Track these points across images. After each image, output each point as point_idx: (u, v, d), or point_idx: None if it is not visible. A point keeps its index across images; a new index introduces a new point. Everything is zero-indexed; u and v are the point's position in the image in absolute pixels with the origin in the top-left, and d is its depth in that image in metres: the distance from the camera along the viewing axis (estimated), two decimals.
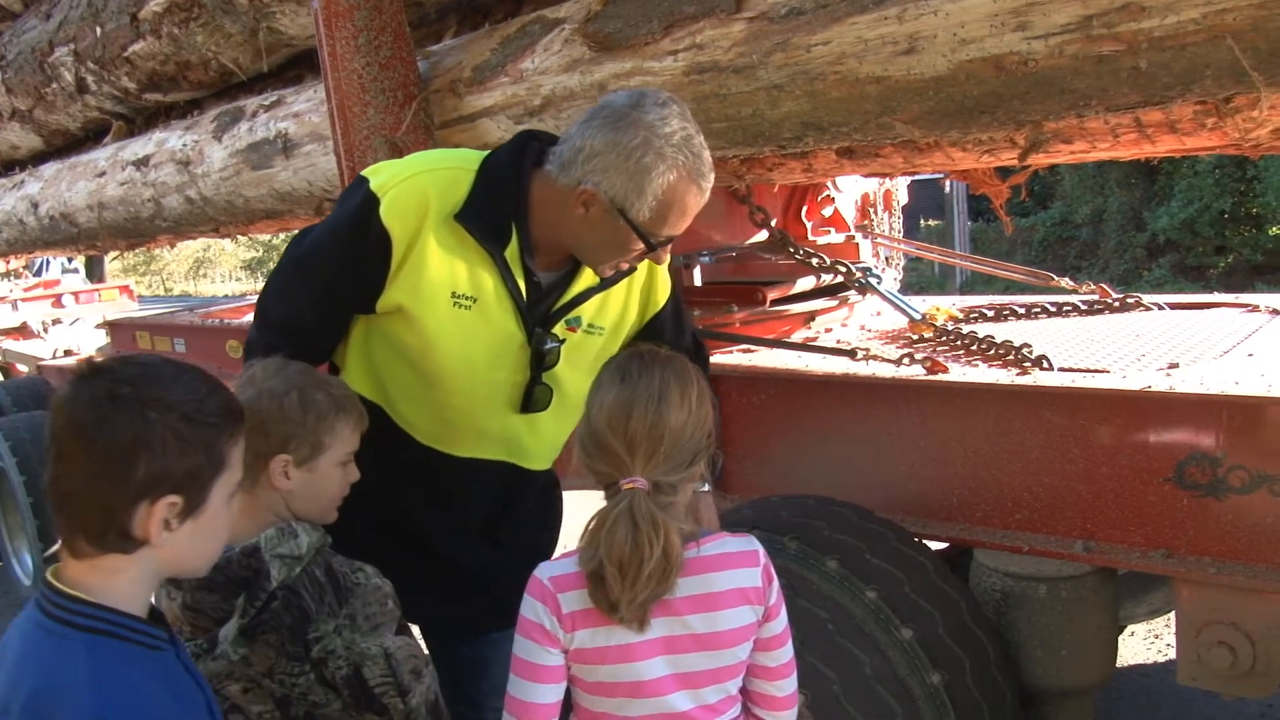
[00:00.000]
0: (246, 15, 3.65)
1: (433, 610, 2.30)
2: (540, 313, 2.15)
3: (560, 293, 2.16)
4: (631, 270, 2.18)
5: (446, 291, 2.08)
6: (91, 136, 5.92)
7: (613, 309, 2.25)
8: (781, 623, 1.76)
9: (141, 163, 4.83)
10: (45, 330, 10.56)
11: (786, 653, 1.78)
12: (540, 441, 2.29)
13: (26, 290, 11.27)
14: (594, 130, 1.94)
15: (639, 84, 2.23)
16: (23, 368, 9.65)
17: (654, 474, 1.65)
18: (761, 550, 1.74)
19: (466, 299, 2.09)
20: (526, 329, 2.13)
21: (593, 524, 1.65)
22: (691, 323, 2.46)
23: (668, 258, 2.15)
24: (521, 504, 2.34)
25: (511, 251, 2.08)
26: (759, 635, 1.72)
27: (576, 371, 2.23)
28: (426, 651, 2.18)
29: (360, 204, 2.06)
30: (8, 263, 10.52)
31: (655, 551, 1.59)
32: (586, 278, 2.17)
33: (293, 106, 3.69)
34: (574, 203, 1.99)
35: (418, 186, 2.05)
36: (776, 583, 1.74)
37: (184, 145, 4.47)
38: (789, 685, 1.79)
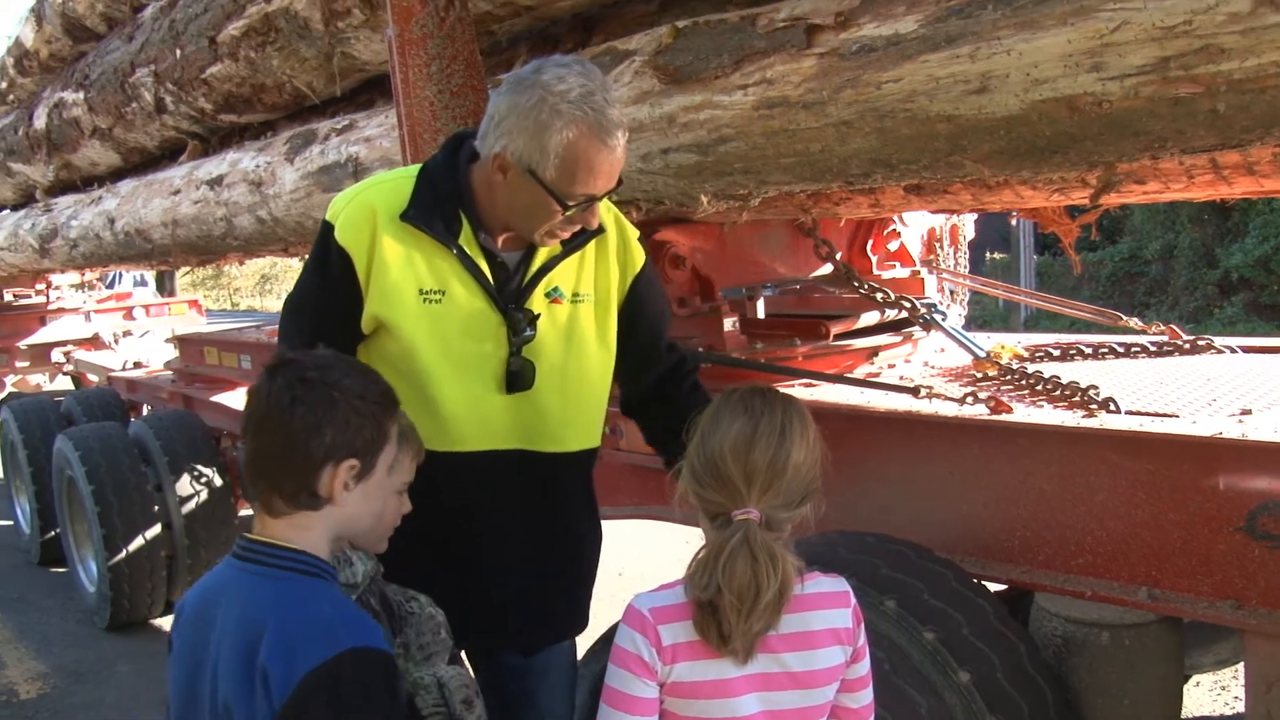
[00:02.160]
0: (321, 40, 3.72)
1: (480, 629, 2.29)
2: (511, 291, 2.20)
3: (526, 266, 2.22)
4: (581, 239, 2.23)
5: (413, 290, 2.15)
6: (168, 155, 6.05)
7: (594, 274, 2.30)
8: (866, 664, 1.78)
9: (215, 182, 4.93)
10: (116, 342, 10.78)
11: (868, 694, 1.79)
12: (548, 420, 2.26)
13: (99, 302, 11.50)
14: (500, 97, 2.07)
15: (708, 117, 2.23)
16: (93, 378, 9.85)
17: (767, 507, 1.66)
18: (851, 590, 1.77)
19: (434, 293, 2.16)
20: (501, 309, 2.19)
21: (704, 554, 1.66)
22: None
23: (596, 220, 2.17)
24: (553, 493, 2.31)
25: (466, 238, 2.17)
26: (845, 676, 1.73)
27: (579, 343, 2.29)
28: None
29: (321, 237, 2.20)
30: (82, 275, 10.76)
31: (773, 584, 1.62)
32: (549, 247, 2.22)
33: (364, 131, 3.74)
34: (493, 170, 2.09)
35: (363, 202, 2.16)
36: (864, 624, 1.76)
37: (257, 166, 4.55)
38: None
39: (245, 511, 6.25)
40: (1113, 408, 2.54)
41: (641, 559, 6.28)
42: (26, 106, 7.40)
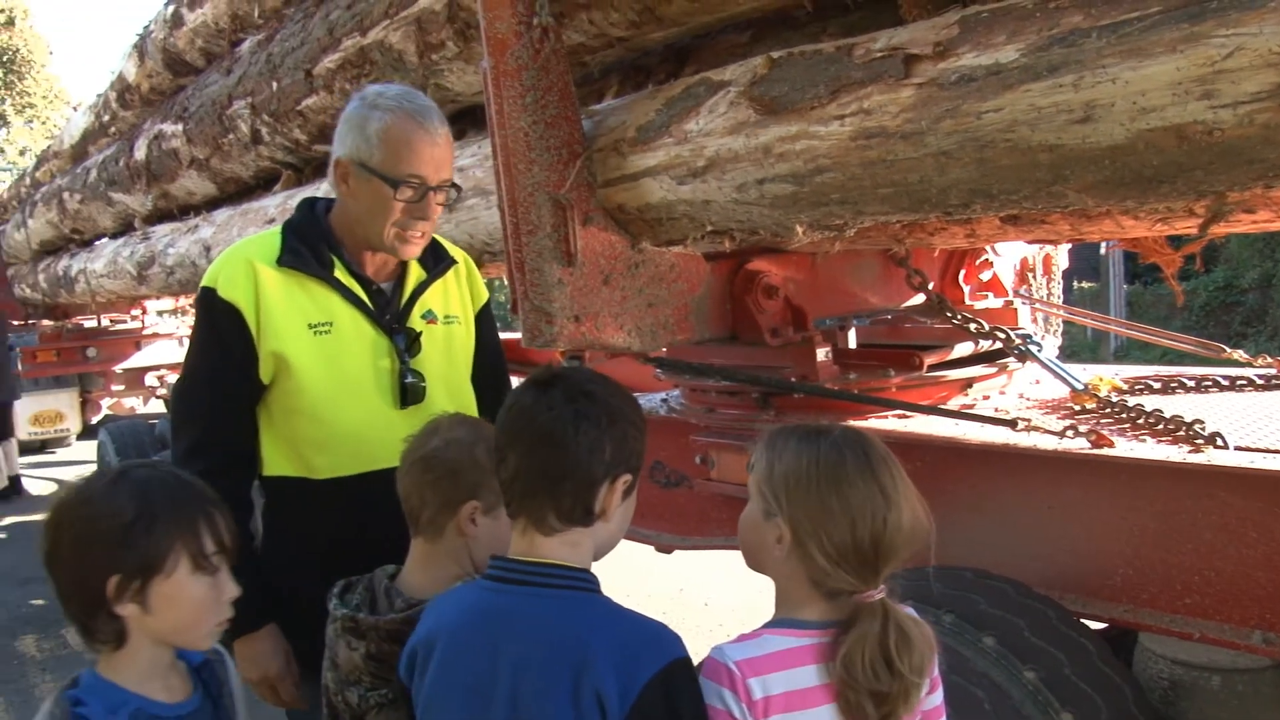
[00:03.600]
0: (416, 72, 3.78)
1: None
2: (392, 314, 2.42)
3: (400, 292, 2.48)
4: (442, 266, 2.54)
5: (303, 324, 2.33)
6: (261, 184, 6.19)
7: (458, 299, 2.60)
8: (940, 695, 1.75)
9: None
10: None
11: None
12: None
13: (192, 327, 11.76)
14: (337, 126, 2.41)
15: (804, 147, 2.22)
16: None
17: (886, 578, 1.66)
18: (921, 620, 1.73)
19: (323, 325, 2.34)
20: (386, 331, 2.39)
21: (851, 642, 1.62)
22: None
23: (435, 214, 2.39)
24: None
25: (341, 272, 2.39)
26: (921, 708, 1.70)
27: (454, 362, 2.52)
28: None
29: (202, 304, 2.38)
30: (177, 300, 11.04)
31: (915, 660, 1.62)
32: (415, 273, 2.51)
33: (457, 161, 3.78)
34: (338, 182, 2.35)
35: (238, 258, 2.37)
36: (937, 654, 1.72)
37: None
38: None
39: None
40: (1220, 443, 2.46)
41: (727, 590, 6.26)
42: (127, 138, 7.64)
